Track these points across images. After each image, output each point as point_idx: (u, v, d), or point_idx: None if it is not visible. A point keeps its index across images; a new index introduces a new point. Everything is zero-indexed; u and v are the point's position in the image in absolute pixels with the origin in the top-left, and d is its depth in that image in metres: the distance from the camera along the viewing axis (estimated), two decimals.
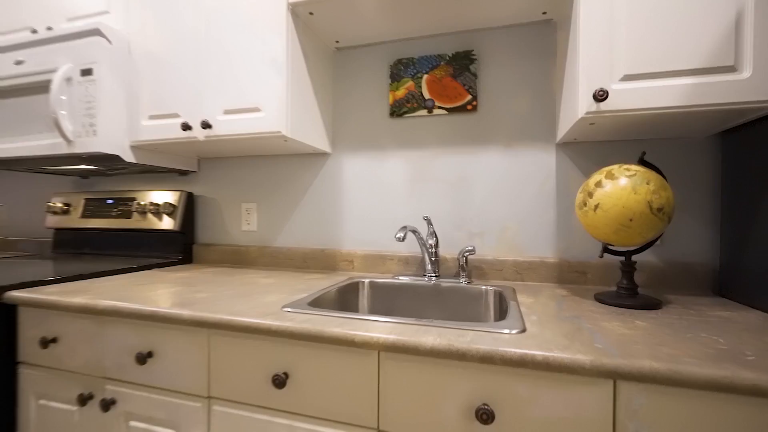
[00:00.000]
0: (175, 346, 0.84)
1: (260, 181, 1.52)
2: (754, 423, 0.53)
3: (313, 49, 1.26)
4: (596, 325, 0.74)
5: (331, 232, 1.42)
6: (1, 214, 1.98)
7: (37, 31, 1.40)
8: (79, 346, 0.93)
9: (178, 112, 1.22)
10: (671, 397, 0.56)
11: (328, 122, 1.39)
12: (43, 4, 1.41)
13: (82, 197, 1.70)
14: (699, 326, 0.73)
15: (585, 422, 0.59)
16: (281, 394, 0.76)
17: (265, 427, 0.77)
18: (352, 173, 1.40)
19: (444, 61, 1.27)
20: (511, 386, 0.63)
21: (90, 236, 1.68)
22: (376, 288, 1.20)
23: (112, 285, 1.07)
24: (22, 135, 1.33)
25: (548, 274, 1.17)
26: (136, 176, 1.72)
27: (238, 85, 1.15)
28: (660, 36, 0.82)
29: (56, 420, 0.96)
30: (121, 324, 0.89)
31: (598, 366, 0.57)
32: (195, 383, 0.83)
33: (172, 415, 0.84)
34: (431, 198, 1.30)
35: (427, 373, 0.67)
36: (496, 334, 0.67)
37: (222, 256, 1.54)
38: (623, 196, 0.83)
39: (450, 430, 0.65)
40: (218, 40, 1.17)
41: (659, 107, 0.82)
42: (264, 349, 0.77)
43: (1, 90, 1.35)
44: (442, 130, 1.29)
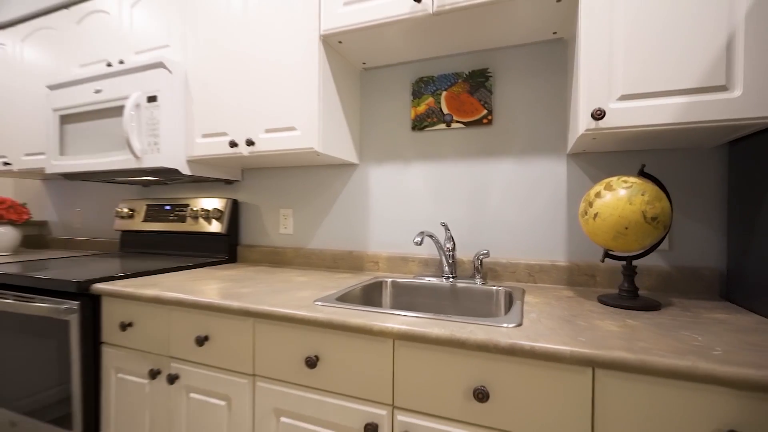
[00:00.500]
0: (226, 332, 1.01)
1: (296, 189, 1.69)
2: (712, 408, 0.60)
3: (342, 71, 1.41)
4: (589, 322, 0.82)
5: (359, 235, 1.56)
6: (78, 218, 2.29)
7: (111, 64, 1.64)
8: (150, 329, 1.12)
9: (227, 131, 1.41)
10: (641, 383, 0.64)
11: (355, 136, 1.53)
12: (116, 40, 1.65)
13: (144, 203, 1.95)
14: (687, 326, 0.80)
15: (568, 403, 0.69)
16: (312, 374, 0.90)
17: (299, 401, 0.91)
18: (378, 182, 1.53)
19: (461, 79, 1.38)
20: (504, 371, 0.73)
21: (150, 237, 1.92)
22: (398, 287, 1.33)
23: (174, 280, 1.27)
24: (99, 152, 1.57)
25: (559, 277, 1.25)
26: (188, 185, 1.95)
27: (277, 107, 1.31)
28: (656, 58, 0.89)
29: (131, 391, 1.16)
30: (183, 312, 1.07)
31: (576, 355, 0.66)
32: (242, 363, 0.99)
33: (223, 389, 1.01)
34: (450, 204, 1.41)
35: (434, 358, 0.79)
36: (495, 328, 0.78)
37: (262, 256, 1.73)
38: (619, 206, 0.91)
39: (452, 407, 0.77)
40: (259, 69, 1.34)
41: (654, 124, 0.89)
42: (299, 335, 0.92)
43: (83, 114, 1.60)
44: (459, 143, 1.40)
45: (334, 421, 0.88)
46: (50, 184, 2.41)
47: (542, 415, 0.71)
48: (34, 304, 1.24)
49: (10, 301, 1.30)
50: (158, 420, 1.11)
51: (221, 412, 1.02)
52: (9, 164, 1.98)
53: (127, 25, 1.62)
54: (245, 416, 0.98)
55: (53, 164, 1.68)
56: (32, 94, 1.90)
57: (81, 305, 1.18)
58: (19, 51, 1.94)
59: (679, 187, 1.14)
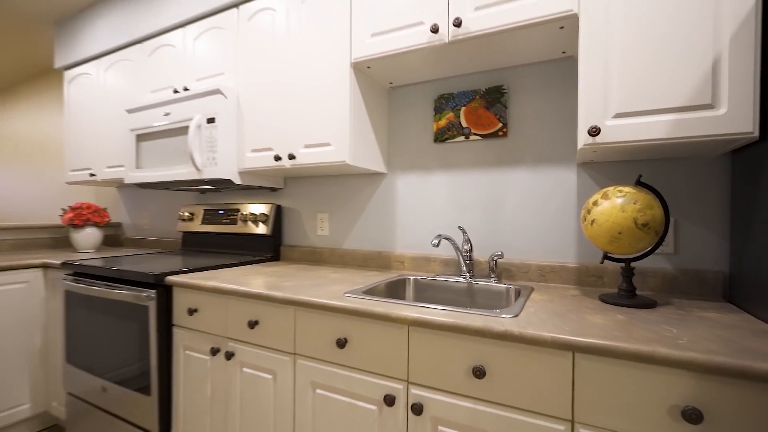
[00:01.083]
0: (272, 317, 1.22)
1: (332, 196, 1.89)
2: (673, 387, 0.71)
3: (371, 91, 1.58)
4: (580, 316, 0.94)
5: (387, 237, 1.73)
6: (146, 220, 2.64)
7: (178, 91, 1.93)
8: (211, 314, 1.36)
9: (272, 146, 1.63)
10: (613, 366, 0.76)
11: (383, 147, 1.70)
12: (181, 69, 1.93)
13: (201, 208, 2.23)
14: (670, 322, 0.89)
15: (553, 381, 0.82)
16: (342, 353, 1.08)
17: (331, 375, 1.10)
18: (404, 189, 1.69)
19: (479, 95, 1.51)
20: (499, 353, 0.87)
21: (207, 238, 2.20)
22: (420, 284, 1.48)
23: (229, 274, 1.50)
24: (167, 165, 1.85)
25: (568, 277, 1.35)
26: (238, 192, 2.21)
27: (314, 125, 1.51)
28: (648, 79, 0.98)
29: (196, 365, 1.40)
30: (238, 301, 1.29)
31: (557, 341, 0.79)
32: (285, 343, 1.19)
33: (270, 365, 1.22)
34: (468, 209, 1.54)
35: (441, 342, 0.94)
36: (493, 318, 0.92)
37: (302, 255, 1.94)
38: (613, 213, 1.01)
39: (456, 381, 0.92)
40: (298, 93, 1.55)
41: (646, 140, 0.99)
42: (331, 321, 1.10)
43: (154, 134, 1.89)
44: (477, 154, 1.53)
45: (360, 393, 1.05)
46: (123, 191, 2.79)
47: (530, 391, 0.84)
48: (120, 291, 1.52)
49: (102, 289, 1.59)
50: (217, 389, 1.34)
51: (268, 384, 1.22)
52: (94, 175, 2.34)
53: (190, 56, 1.90)
54: (288, 388, 1.18)
55: (131, 176, 1.99)
56: (113, 115, 2.25)
57: (157, 293, 1.44)
58: (102, 80, 2.29)
59: (686, 194, 1.21)
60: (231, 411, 1.30)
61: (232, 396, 1.30)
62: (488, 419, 0.88)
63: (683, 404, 0.70)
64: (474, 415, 0.89)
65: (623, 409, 0.75)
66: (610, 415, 0.76)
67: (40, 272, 1.98)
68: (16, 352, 1.90)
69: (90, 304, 1.67)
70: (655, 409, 0.72)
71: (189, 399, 1.42)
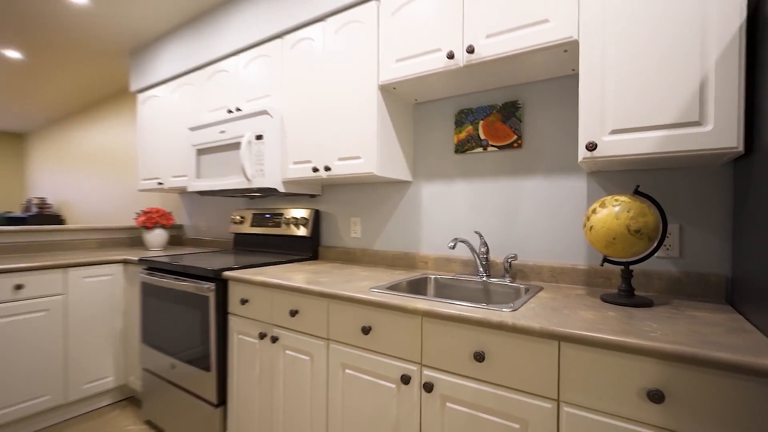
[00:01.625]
0: (310, 308, 1.43)
1: (364, 202, 2.09)
2: (643, 372, 0.83)
3: (397, 108, 1.76)
4: (573, 312, 1.06)
5: (413, 239, 1.90)
6: (203, 223, 2.99)
7: (231, 111, 2.22)
8: (259, 304, 1.60)
9: (310, 159, 1.85)
10: (591, 353, 0.88)
11: (409, 158, 1.87)
12: (234, 91, 2.22)
13: (250, 212, 2.52)
14: (656, 318, 0.99)
15: (542, 365, 0.95)
16: (367, 339, 1.27)
17: (358, 358, 1.29)
18: (428, 196, 1.85)
19: (495, 110, 1.64)
20: (496, 341, 1.02)
21: (255, 238, 2.48)
22: (439, 282, 1.64)
23: (274, 270, 1.74)
24: (222, 176, 2.13)
25: (578, 278, 1.45)
26: (282, 198, 2.47)
27: (346, 141, 1.72)
28: (640, 99, 1.08)
29: (247, 347, 1.65)
30: (281, 293, 1.52)
31: (543, 331, 0.93)
32: (320, 330, 1.40)
33: (308, 348, 1.43)
34: (486, 215, 1.68)
35: (448, 330, 1.10)
36: (495, 311, 1.06)
37: (337, 255, 2.16)
38: (608, 220, 1.12)
39: (459, 364, 1.07)
40: (332, 112, 1.76)
41: (639, 153, 1.09)
42: (358, 311, 1.29)
43: (211, 148, 2.19)
44: (494, 163, 1.66)
45: (381, 373, 1.23)
46: (185, 197, 3.17)
47: (523, 373, 0.98)
48: (186, 283, 1.81)
49: (171, 281, 1.89)
50: (265, 368, 1.58)
51: (306, 365, 1.44)
52: (162, 183, 2.71)
53: (242, 79, 2.18)
54: (322, 368, 1.39)
55: (192, 184, 2.31)
56: (177, 132, 2.60)
57: (216, 286, 1.70)
58: (169, 101, 2.65)
59: (692, 201, 1.28)
60: (275, 386, 1.54)
61: (277, 374, 1.53)
62: (487, 397, 1.03)
63: (649, 386, 0.82)
64: (476, 394, 1.05)
65: (601, 390, 0.87)
66: (589, 395, 0.89)
67: (121, 267, 2.35)
68: (103, 334, 2.28)
69: (161, 293, 1.98)
70: (627, 390, 0.84)
71: (241, 375, 1.67)
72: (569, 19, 1.20)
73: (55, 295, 2.09)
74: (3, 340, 1.91)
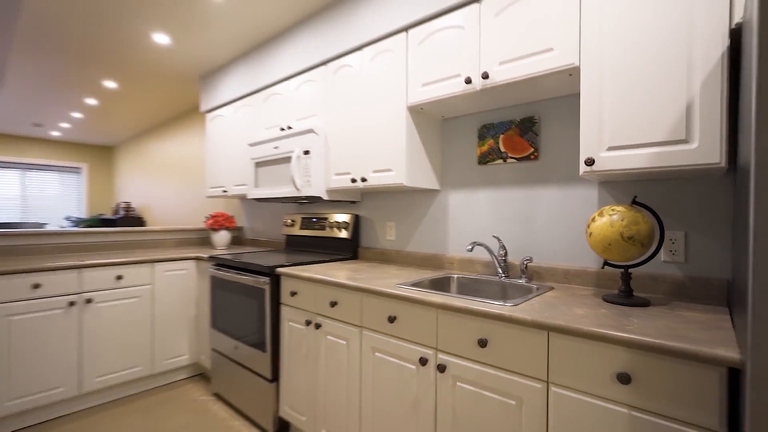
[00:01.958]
0: (347, 300, 1.68)
1: (397, 208, 2.31)
2: (615, 358, 0.98)
3: (425, 124, 1.97)
4: (568, 308, 1.21)
5: (440, 242, 2.10)
6: (260, 226, 3.39)
7: (284, 129, 2.55)
8: (306, 296, 1.88)
9: (349, 171, 2.12)
10: (574, 342, 1.04)
11: (437, 169, 2.07)
12: (286, 111, 2.55)
13: (300, 216, 2.84)
14: (645, 316, 1.12)
15: (534, 351, 1.12)
16: (392, 327, 1.50)
17: (385, 343, 1.52)
18: (454, 203, 2.04)
19: (514, 125, 1.80)
20: (497, 330, 1.20)
21: (303, 239, 2.80)
22: (461, 281, 1.82)
23: (319, 268, 2.03)
24: (276, 185, 2.47)
25: (589, 280, 1.57)
26: (326, 204, 2.77)
27: (379, 155, 1.95)
28: (634, 119, 1.21)
29: (295, 332, 1.94)
30: (323, 287, 1.79)
31: (534, 322, 1.10)
32: (355, 319, 1.64)
33: (344, 334, 1.69)
34: (506, 220, 1.83)
35: (458, 320, 1.29)
36: (499, 305, 1.24)
37: (374, 255, 2.41)
38: (604, 228, 1.25)
39: (467, 350, 1.26)
40: (368, 130, 2.00)
41: (632, 168, 1.21)
42: (385, 303, 1.53)
43: (267, 161, 2.53)
44: (513, 174, 1.81)
45: (404, 356, 1.45)
46: (245, 202, 3.59)
47: (519, 358, 1.15)
48: (246, 277, 2.15)
49: (234, 275, 2.25)
50: (310, 350, 1.86)
51: (343, 348, 1.70)
52: (226, 191, 3.13)
53: (293, 101, 2.50)
54: (356, 351, 1.64)
55: (251, 192, 2.68)
56: (239, 146, 2.99)
57: (271, 280, 2.02)
58: (232, 119, 3.06)
59: (696, 209, 1.36)
60: (318, 365, 1.81)
61: (319, 355, 1.81)
62: (489, 378, 1.21)
63: (619, 370, 0.97)
64: (480, 375, 1.23)
65: (581, 373, 1.03)
66: (573, 377, 1.05)
67: (194, 263, 2.78)
68: (180, 318, 2.71)
69: (226, 285, 2.35)
70: (602, 373, 0.99)
71: (290, 356, 1.97)
72: (571, 47, 1.34)
73: (145, 285, 2.54)
74: (108, 321, 2.38)
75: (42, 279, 2.14)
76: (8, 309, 2.03)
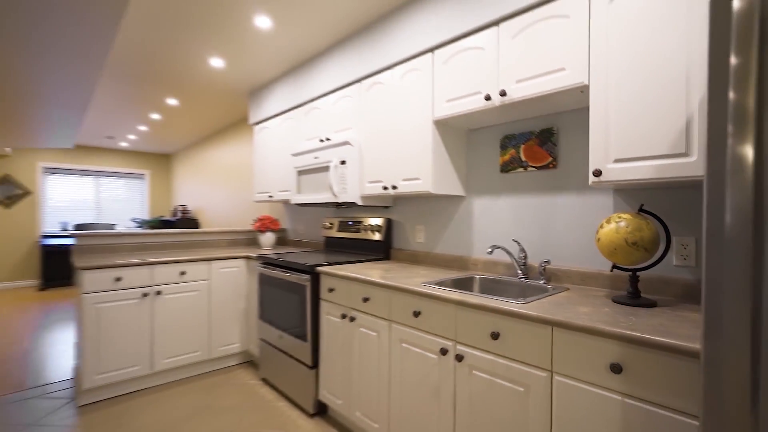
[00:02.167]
0: (377, 296, 1.88)
1: (426, 212, 2.49)
2: (608, 350, 1.10)
3: (451, 136, 2.13)
4: (572, 307, 1.34)
5: (466, 244, 2.24)
6: (302, 228, 3.68)
7: (323, 140, 2.80)
8: (342, 292, 2.11)
9: (381, 179, 2.32)
10: (574, 336, 1.17)
11: (462, 176, 2.22)
12: (324, 125, 2.80)
13: (337, 220, 3.09)
14: (643, 315, 1.22)
15: (539, 342, 1.26)
16: (417, 321, 1.68)
17: (410, 335, 1.70)
18: (478, 208, 2.18)
19: (534, 136, 1.92)
20: (508, 324, 1.34)
21: (341, 241, 3.05)
22: (484, 281, 1.97)
23: (354, 267, 2.24)
24: (315, 192, 2.72)
25: (604, 282, 1.66)
26: (361, 209, 2.99)
27: (408, 165, 2.14)
28: (638, 134, 1.31)
29: (332, 325, 2.17)
30: (358, 284, 2.01)
31: (539, 317, 1.24)
32: (384, 313, 1.84)
33: (375, 327, 1.89)
34: (526, 225, 1.95)
35: (474, 315, 1.45)
36: (511, 302, 1.39)
37: (405, 257, 2.59)
38: (610, 234, 1.36)
39: (481, 342, 1.42)
40: (397, 142, 2.19)
41: (637, 179, 1.32)
42: (410, 300, 1.71)
43: (308, 170, 2.79)
44: (533, 182, 1.93)
45: (426, 346, 1.63)
46: (288, 207, 3.91)
47: (526, 349, 1.29)
48: (290, 275, 2.41)
49: (279, 273, 2.52)
50: (345, 341, 2.08)
51: (374, 340, 1.90)
52: (271, 197, 3.44)
53: (331, 115, 2.74)
54: (385, 342, 1.83)
55: (294, 198, 2.95)
56: (283, 156, 3.29)
57: (311, 278, 2.27)
58: (276, 131, 3.37)
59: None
60: (353, 354, 2.03)
61: (353, 346, 2.02)
62: (501, 367, 1.36)
63: (612, 361, 1.09)
64: (493, 364, 1.39)
65: (580, 363, 1.16)
66: (573, 367, 1.18)
67: (243, 261, 3.11)
68: (232, 311, 3.04)
69: (272, 282, 2.64)
70: (597, 364, 1.12)
71: (328, 346, 2.20)
72: (581, 67, 1.46)
73: (203, 280, 2.89)
74: (173, 311, 2.74)
75: (122, 273, 2.53)
76: (98, 298, 2.43)
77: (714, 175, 0.76)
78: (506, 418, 1.35)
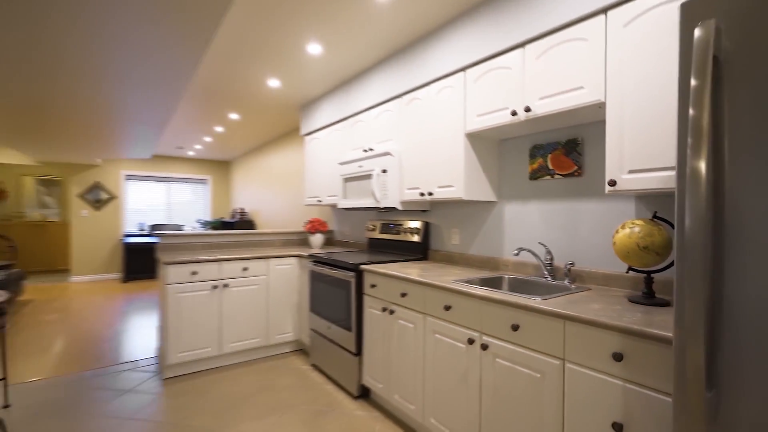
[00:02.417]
0: (414, 291, 2.11)
1: (461, 216, 2.67)
2: (611, 341, 1.25)
3: (482, 146, 2.31)
4: (587, 304, 1.48)
5: (497, 246, 2.41)
6: (348, 230, 3.99)
7: (366, 150, 3.08)
8: (383, 288, 2.36)
9: (419, 186, 2.55)
10: (582, 328, 1.33)
11: (494, 183, 2.39)
12: (367, 136, 3.08)
13: (380, 223, 3.35)
14: (650, 313, 1.35)
15: (553, 334, 1.43)
16: (448, 313, 1.88)
17: (442, 326, 1.91)
18: (509, 213, 2.34)
19: (560, 146, 2.05)
20: (527, 317, 1.52)
21: (383, 242, 3.31)
22: (512, 281, 2.13)
23: (394, 266, 2.49)
24: (359, 197, 3.00)
25: (624, 283, 1.77)
26: (401, 213, 3.23)
27: (443, 173, 2.35)
28: (649, 147, 1.44)
29: (374, 318, 2.43)
30: (396, 281, 2.25)
31: (552, 312, 1.41)
32: (420, 307, 2.07)
33: (412, 319, 2.12)
34: (553, 229, 2.09)
35: (497, 309, 1.64)
36: (532, 299, 1.56)
37: (441, 257, 2.80)
38: (623, 238, 1.49)
39: (503, 333, 1.60)
40: (432, 152, 2.41)
41: (649, 189, 1.44)
42: (442, 295, 1.92)
43: (353, 177, 3.08)
44: (559, 189, 2.06)
45: (456, 337, 1.83)
46: (335, 210, 4.24)
47: (542, 340, 1.46)
48: (337, 272, 2.71)
49: (327, 270, 2.83)
50: (385, 332, 2.33)
51: (411, 331, 2.13)
52: (320, 201, 3.78)
53: (373, 127, 3.02)
54: (420, 333, 2.06)
55: (341, 203, 3.26)
56: (330, 164, 3.62)
57: (356, 275, 2.54)
58: (325, 141, 3.71)
59: None
60: (392, 344, 2.27)
61: (393, 336, 2.27)
62: (520, 355, 1.54)
63: (614, 350, 1.24)
64: (513, 353, 1.57)
65: (588, 352, 1.32)
66: (582, 356, 1.34)
67: (296, 259, 3.47)
68: (286, 303, 3.41)
69: (321, 278, 2.95)
70: (602, 353, 1.28)
71: (370, 335, 2.46)
72: (598, 86, 1.60)
73: (262, 276, 3.28)
74: (237, 301, 3.15)
75: (197, 268, 2.97)
76: (179, 288, 2.88)
77: (679, 184, 0.91)
78: (525, 400, 1.53)
